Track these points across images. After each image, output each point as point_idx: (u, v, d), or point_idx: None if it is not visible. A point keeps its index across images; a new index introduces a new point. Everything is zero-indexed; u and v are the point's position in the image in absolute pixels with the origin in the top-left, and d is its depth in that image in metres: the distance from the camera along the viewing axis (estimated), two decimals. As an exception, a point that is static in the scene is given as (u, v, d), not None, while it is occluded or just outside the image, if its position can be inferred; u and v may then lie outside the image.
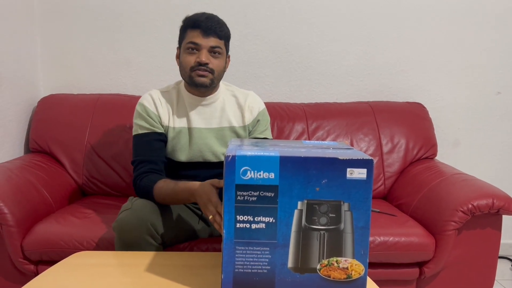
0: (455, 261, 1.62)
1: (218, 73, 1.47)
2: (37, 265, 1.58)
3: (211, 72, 1.44)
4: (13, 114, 2.03)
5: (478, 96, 2.33)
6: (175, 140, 1.51)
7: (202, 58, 1.41)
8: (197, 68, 1.43)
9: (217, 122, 1.54)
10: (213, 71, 1.44)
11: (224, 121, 1.54)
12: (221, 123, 1.54)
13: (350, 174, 0.91)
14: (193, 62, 1.43)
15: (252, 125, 1.57)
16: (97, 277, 1.07)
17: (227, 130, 1.54)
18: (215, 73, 1.45)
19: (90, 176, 2.00)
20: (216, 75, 1.46)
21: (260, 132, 1.58)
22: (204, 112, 1.53)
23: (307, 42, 2.26)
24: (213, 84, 1.47)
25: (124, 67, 2.25)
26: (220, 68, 1.47)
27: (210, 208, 1.16)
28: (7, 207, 1.52)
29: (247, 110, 1.56)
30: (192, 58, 1.43)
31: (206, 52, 1.43)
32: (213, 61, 1.44)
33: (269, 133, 1.61)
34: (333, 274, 0.94)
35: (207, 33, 1.42)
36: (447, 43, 2.28)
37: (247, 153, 0.90)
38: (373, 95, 2.31)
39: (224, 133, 1.54)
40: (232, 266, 0.93)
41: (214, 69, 1.44)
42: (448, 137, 2.34)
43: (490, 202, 1.55)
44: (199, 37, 1.42)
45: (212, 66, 1.44)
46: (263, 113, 1.59)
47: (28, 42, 2.15)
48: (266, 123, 1.60)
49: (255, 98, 1.60)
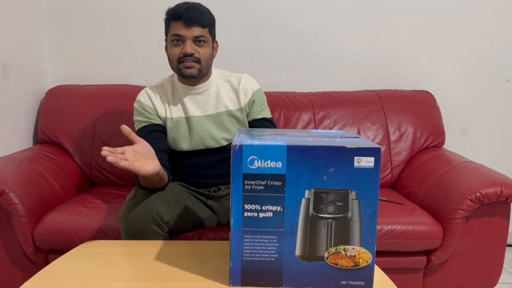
0: (463, 250, 1.62)
1: (205, 61, 1.47)
2: (47, 254, 1.60)
3: (198, 62, 1.45)
4: (22, 105, 2.05)
5: (486, 83, 2.31)
6: (174, 130, 1.53)
7: (187, 49, 1.42)
8: (184, 59, 1.44)
9: (214, 108, 1.54)
10: (200, 60, 1.45)
11: (220, 106, 1.55)
12: (218, 108, 1.55)
13: (358, 162, 0.91)
14: (179, 54, 1.44)
15: (248, 106, 1.57)
16: (107, 266, 1.08)
17: (224, 115, 1.55)
18: (202, 62, 1.46)
19: (98, 166, 2.01)
20: (204, 63, 1.47)
21: (257, 112, 1.58)
22: (200, 100, 1.54)
23: (314, 30, 2.25)
24: (202, 73, 1.48)
25: (131, 58, 2.25)
26: (207, 56, 1.47)
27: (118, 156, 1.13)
28: (18, 198, 1.54)
29: (242, 92, 1.56)
30: (178, 50, 1.44)
31: (191, 43, 1.43)
32: (199, 50, 1.45)
33: (267, 112, 1.61)
34: (341, 262, 0.95)
35: (189, 23, 1.42)
36: (455, 31, 2.25)
37: (254, 143, 0.90)
38: (380, 83, 2.29)
39: (222, 118, 1.55)
40: (240, 254, 0.94)
41: (200, 58, 1.45)
42: (456, 125, 2.32)
43: (499, 190, 1.55)
44: (181, 28, 1.42)
45: (198, 56, 1.45)
46: (257, 93, 1.59)
47: (35, 34, 2.15)
48: (262, 102, 1.60)
49: (248, 80, 1.60)
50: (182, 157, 1.56)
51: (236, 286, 0.96)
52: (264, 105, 1.61)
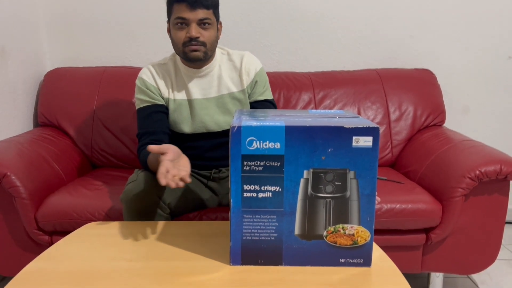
0: (462, 227, 1.63)
1: (211, 44, 1.45)
2: (51, 236, 1.62)
3: (203, 45, 1.42)
4: (21, 88, 2.04)
5: (488, 61, 2.28)
6: (176, 112, 1.52)
7: (192, 33, 1.39)
8: (189, 43, 1.41)
9: (216, 91, 1.53)
10: (205, 43, 1.43)
11: (223, 88, 1.53)
12: (220, 91, 1.53)
13: (356, 142, 0.91)
14: (184, 38, 1.41)
15: (251, 87, 1.56)
16: (109, 246, 1.10)
17: (226, 97, 1.54)
18: (207, 45, 1.43)
19: (99, 148, 2.02)
20: (209, 46, 1.44)
21: (260, 94, 1.57)
22: (202, 83, 1.52)
23: (314, 9, 2.22)
24: (207, 56, 1.46)
25: (129, 39, 2.23)
26: (212, 39, 1.45)
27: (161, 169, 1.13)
28: (20, 180, 1.55)
29: (244, 72, 1.54)
30: (183, 33, 1.41)
31: (195, 26, 1.40)
32: (204, 33, 1.42)
33: (269, 94, 1.60)
34: (339, 240, 0.96)
35: (194, 6, 1.38)
36: (456, 8, 2.22)
37: (252, 123, 0.90)
38: (381, 62, 2.28)
39: (224, 101, 1.53)
40: (240, 234, 0.95)
41: (205, 42, 1.42)
42: (457, 103, 2.31)
43: (498, 168, 1.55)
44: (186, 11, 1.38)
45: (203, 39, 1.42)
46: (260, 74, 1.57)
47: (33, 16, 2.13)
48: (265, 83, 1.59)
49: (251, 59, 1.57)
50: (183, 140, 1.56)
51: (236, 264, 0.98)
52: (266, 86, 1.59)
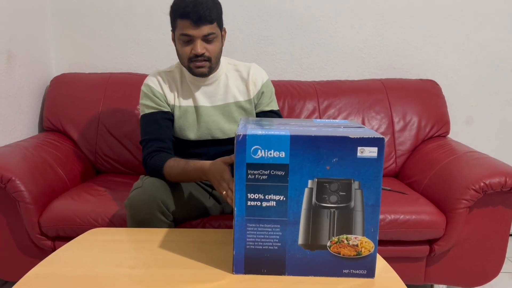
0: (466, 239, 1.62)
1: (216, 57, 1.45)
2: (54, 241, 1.62)
3: (209, 60, 1.43)
4: (27, 93, 2.05)
5: (492, 72, 2.28)
6: (182, 119, 1.52)
7: (198, 50, 1.39)
8: (195, 59, 1.41)
9: (222, 99, 1.53)
10: (210, 58, 1.43)
11: (229, 97, 1.54)
12: (226, 99, 1.54)
13: (361, 152, 0.91)
14: (189, 53, 1.42)
15: (257, 98, 1.57)
16: (112, 253, 1.10)
17: (232, 106, 1.54)
18: (212, 59, 1.44)
19: (103, 154, 2.02)
20: (214, 60, 1.45)
21: (266, 104, 1.58)
22: (208, 91, 1.53)
23: (319, 18, 2.23)
24: (212, 69, 1.47)
25: (135, 46, 2.25)
26: (217, 51, 1.45)
27: (223, 185, 1.19)
28: (24, 185, 1.55)
29: (251, 82, 1.55)
30: (188, 49, 1.42)
31: (201, 42, 1.40)
32: (209, 47, 1.42)
33: (275, 105, 1.61)
34: (343, 251, 0.95)
35: (198, 23, 1.37)
36: (460, 19, 2.23)
37: (257, 132, 0.91)
38: (385, 72, 2.28)
39: (230, 109, 1.54)
40: (243, 242, 0.95)
41: (211, 56, 1.43)
42: (461, 114, 2.31)
43: (503, 180, 1.54)
44: (190, 27, 1.38)
45: (209, 54, 1.42)
46: (267, 85, 1.58)
47: (40, 21, 2.15)
48: (271, 94, 1.60)
49: (258, 70, 1.58)
50: (188, 147, 1.56)
51: (239, 273, 0.97)
52: (272, 97, 1.60)
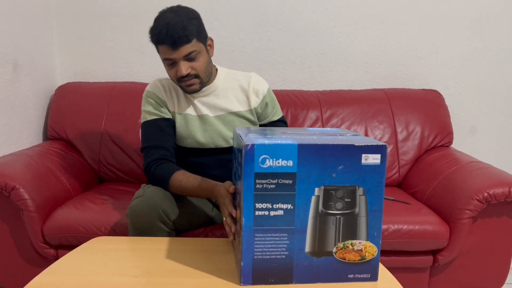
0: (470, 249, 1.62)
1: (204, 71, 1.44)
2: (57, 250, 1.62)
3: (197, 77, 1.42)
4: (32, 102, 2.06)
5: (495, 82, 2.30)
6: (183, 127, 1.52)
7: (182, 72, 1.38)
8: (182, 80, 1.41)
9: (222, 109, 1.53)
10: (198, 75, 1.42)
11: (229, 107, 1.53)
12: (226, 109, 1.53)
13: (365, 159, 0.94)
14: (176, 76, 1.41)
15: (261, 108, 1.56)
16: (115, 261, 1.09)
17: (234, 116, 1.53)
18: (200, 74, 1.42)
19: (107, 163, 2.03)
20: (203, 74, 1.43)
21: (273, 114, 1.58)
22: (209, 101, 1.52)
23: (321, 28, 2.25)
24: (204, 83, 1.46)
25: (139, 55, 2.26)
26: (204, 65, 1.43)
27: (224, 210, 1.17)
28: (28, 193, 1.55)
29: (252, 93, 1.55)
30: (173, 71, 1.41)
31: (183, 62, 1.38)
32: (194, 65, 1.40)
33: (279, 112, 1.62)
34: (348, 256, 0.97)
35: (175, 46, 1.34)
36: (463, 28, 2.25)
37: (265, 142, 0.91)
38: (388, 82, 2.29)
39: (231, 119, 1.53)
40: (251, 253, 0.95)
41: (198, 73, 1.42)
42: (464, 124, 2.32)
43: (507, 191, 1.54)
44: (169, 51, 1.37)
45: (195, 72, 1.41)
46: (269, 94, 1.58)
47: (45, 31, 2.17)
48: (274, 103, 1.60)
49: (258, 80, 1.58)
50: (189, 155, 1.55)
51: (247, 285, 0.97)
52: (276, 106, 1.61)
